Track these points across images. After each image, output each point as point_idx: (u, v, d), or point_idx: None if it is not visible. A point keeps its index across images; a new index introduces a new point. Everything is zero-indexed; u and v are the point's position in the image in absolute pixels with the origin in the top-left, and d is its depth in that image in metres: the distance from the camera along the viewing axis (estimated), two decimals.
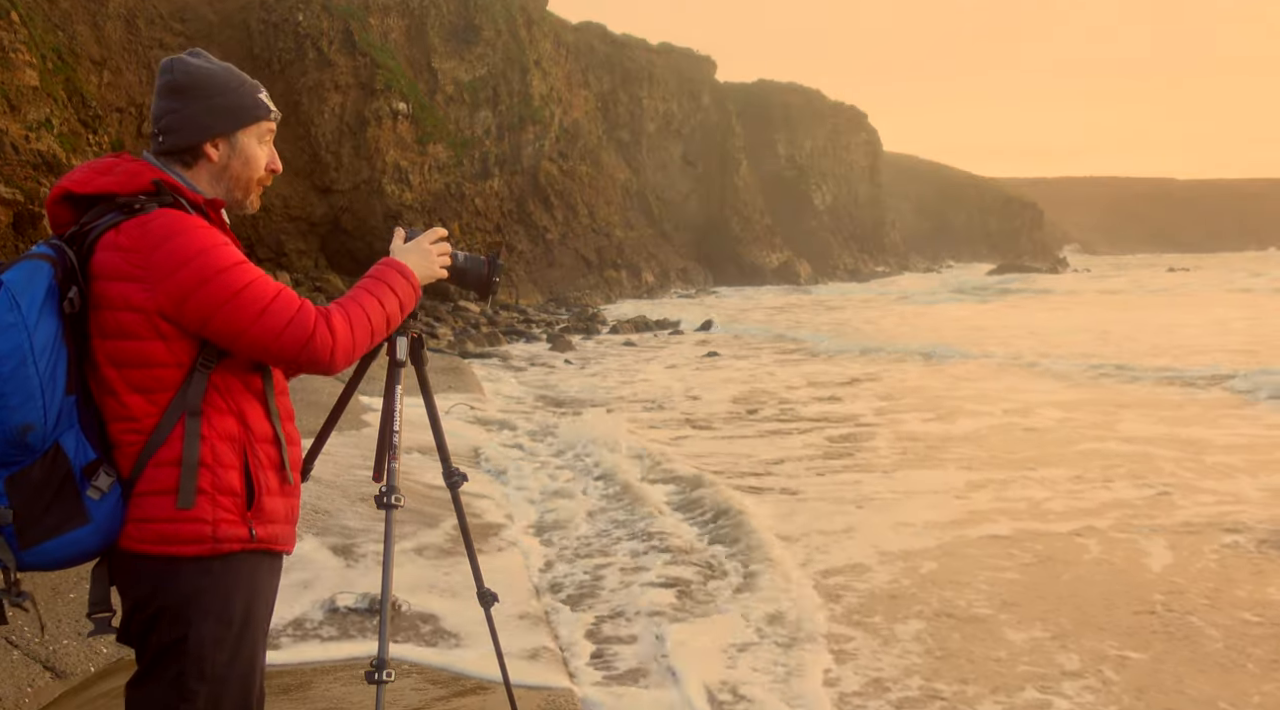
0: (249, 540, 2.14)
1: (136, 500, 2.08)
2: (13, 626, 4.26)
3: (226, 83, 2.24)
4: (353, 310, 2.22)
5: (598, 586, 5.88)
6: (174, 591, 2.09)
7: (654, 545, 6.55)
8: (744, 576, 5.99)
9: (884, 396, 13.90)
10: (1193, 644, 4.95)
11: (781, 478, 8.85)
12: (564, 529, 7.12)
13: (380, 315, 2.28)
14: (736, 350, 22.07)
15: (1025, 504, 7.67)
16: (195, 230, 2.08)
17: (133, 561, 2.11)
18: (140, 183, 2.12)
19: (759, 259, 54.81)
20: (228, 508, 2.12)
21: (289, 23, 30.63)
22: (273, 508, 2.21)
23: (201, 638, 2.09)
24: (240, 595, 2.14)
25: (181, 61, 2.23)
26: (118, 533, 2.09)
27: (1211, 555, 6.33)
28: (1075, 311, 32.74)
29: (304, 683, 4.17)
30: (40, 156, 16.47)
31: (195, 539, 2.09)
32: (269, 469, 2.20)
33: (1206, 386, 13.60)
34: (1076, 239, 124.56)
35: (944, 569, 6.16)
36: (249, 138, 2.26)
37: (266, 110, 2.29)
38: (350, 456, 8.32)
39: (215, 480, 2.10)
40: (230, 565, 2.13)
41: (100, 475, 2.04)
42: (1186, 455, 9.28)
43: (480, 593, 3.40)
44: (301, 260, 29.63)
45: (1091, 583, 5.89)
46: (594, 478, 8.62)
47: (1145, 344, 20.16)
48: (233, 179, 2.26)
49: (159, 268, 2.04)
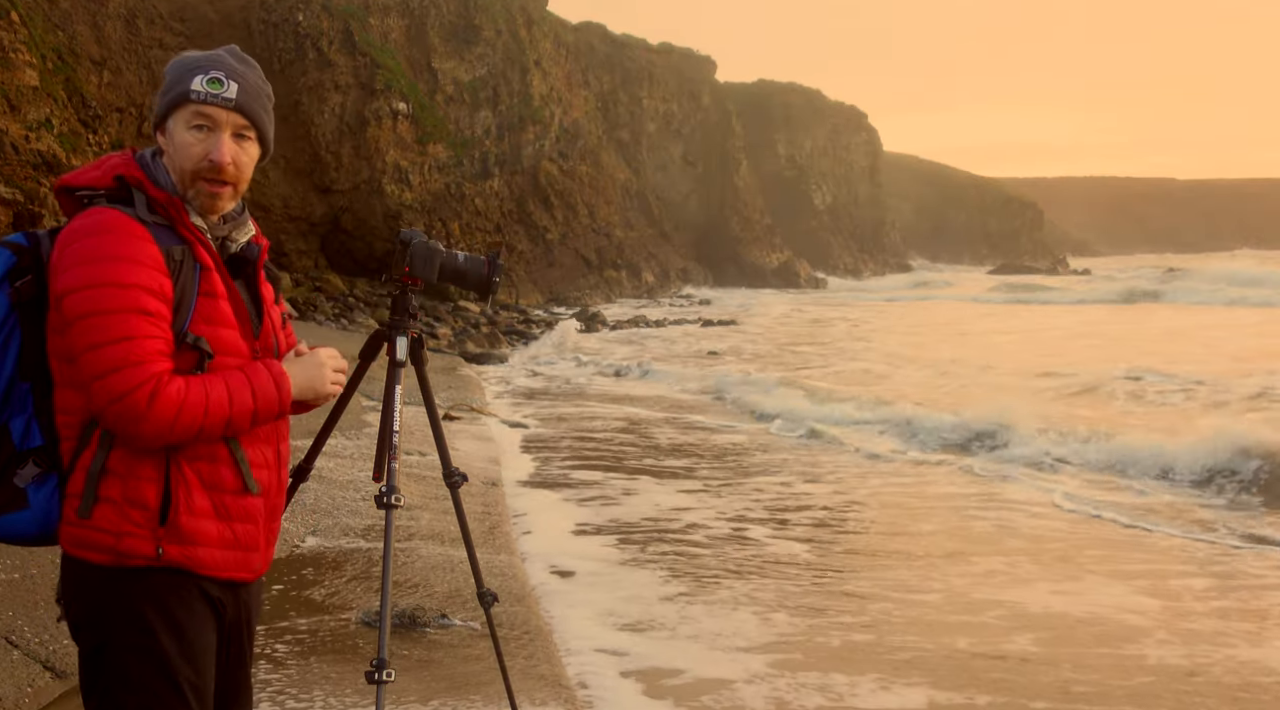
0: (154, 558, 2.02)
1: (66, 499, 2.06)
2: (12, 626, 4.26)
3: (175, 66, 2.16)
4: (193, 395, 1.99)
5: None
6: (88, 595, 2.05)
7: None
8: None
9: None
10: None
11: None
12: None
13: (222, 414, 2.02)
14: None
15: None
16: (106, 235, 2.00)
17: (63, 559, 2.10)
18: (108, 178, 2.10)
19: (759, 259, 54.76)
20: (136, 521, 2.02)
21: (289, 23, 30.60)
22: (196, 529, 2.06)
23: (119, 645, 2.02)
24: (153, 606, 2.04)
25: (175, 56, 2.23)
26: (57, 524, 2.07)
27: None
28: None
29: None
30: (40, 156, 16.46)
31: (99, 548, 2.02)
32: (197, 488, 2.06)
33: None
34: (1076, 239, 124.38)
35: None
36: (177, 123, 2.12)
37: (189, 92, 2.09)
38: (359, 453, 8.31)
39: (126, 491, 2.02)
40: (139, 579, 2.03)
41: (28, 464, 2.05)
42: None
43: (480, 593, 3.40)
44: (301, 260, 29.60)
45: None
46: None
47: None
48: (175, 170, 2.13)
49: (55, 266, 2.02)
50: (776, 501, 8.23)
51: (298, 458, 3.15)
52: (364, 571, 5.67)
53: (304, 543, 6.17)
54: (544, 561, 6.43)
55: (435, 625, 4.88)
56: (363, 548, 6.13)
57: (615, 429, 11.72)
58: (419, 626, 4.84)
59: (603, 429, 11.71)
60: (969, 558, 6.68)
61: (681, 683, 4.65)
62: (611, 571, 6.28)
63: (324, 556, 5.93)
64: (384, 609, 2.84)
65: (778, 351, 21.98)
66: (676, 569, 6.35)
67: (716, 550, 6.81)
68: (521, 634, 4.90)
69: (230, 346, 2.12)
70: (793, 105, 66.49)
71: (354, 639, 4.68)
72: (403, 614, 4.87)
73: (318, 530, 6.42)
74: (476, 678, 4.31)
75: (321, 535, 6.34)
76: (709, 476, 9.14)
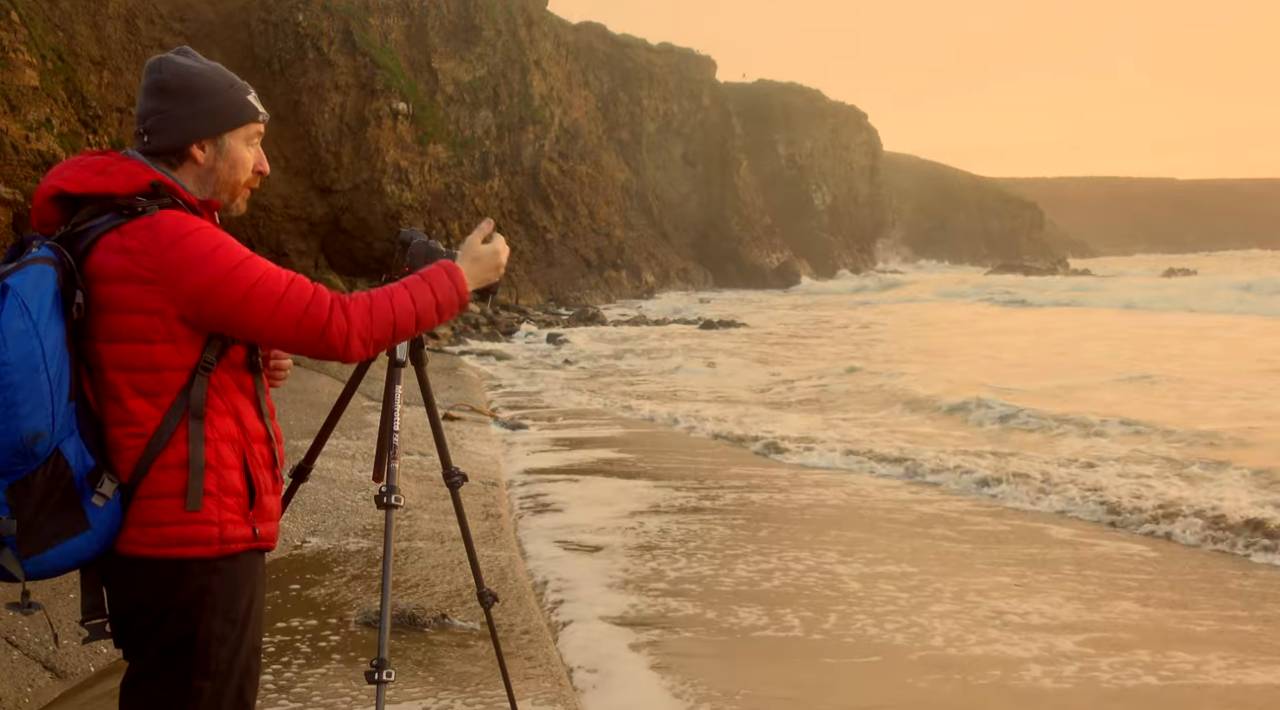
0: (253, 539, 2.17)
1: (139, 504, 2.06)
2: (13, 626, 4.26)
3: (214, 84, 2.20)
4: (379, 301, 2.19)
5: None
6: (183, 591, 2.08)
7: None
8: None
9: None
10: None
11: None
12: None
13: (408, 310, 2.22)
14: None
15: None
16: (203, 230, 2.07)
17: (134, 565, 2.09)
18: (138, 183, 2.09)
19: (759, 259, 54.80)
20: (232, 508, 2.13)
21: (289, 23, 30.60)
22: (270, 506, 2.23)
23: (209, 635, 2.09)
24: (245, 592, 2.16)
25: (169, 61, 2.19)
26: (115, 537, 2.07)
27: None
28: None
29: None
30: (40, 156, 16.46)
31: (203, 541, 2.09)
32: (264, 468, 2.21)
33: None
34: (1076, 239, 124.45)
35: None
36: (236, 140, 2.22)
37: (255, 113, 2.25)
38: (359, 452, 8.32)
39: (220, 482, 2.11)
40: (235, 564, 2.14)
41: (104, 482, 2.02)
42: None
43: (480, 593, 3.40)
44: (301, 260, 29.61)
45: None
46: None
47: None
48: (219, 181, 2.22)
49: (172, 269, 2.02)
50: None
51: (298, 458, 3.16)
52: (364, 571, 5.67)
53: (304, 543, 6.17)
54: (545, 561, 6.43)
55: (435, 625, 4.88)
56: (363, 548, 6.13)
57: (616, 430, 11.73)
58: (419, 626, 4.84)
59: (603, 430, 11.71)
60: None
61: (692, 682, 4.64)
62: (613, 571, 6.28)
63: (324, 556, 5.94)
64: (384, 609, 2.85)
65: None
66: (677, 568, 6.35)
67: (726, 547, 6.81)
68: (521, 634, 4.90)
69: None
70: (792, 105, 66.57)
71: (354, 639, 4.68)
72: (403, 614, 4.87)
73: (318, 530, 6.43)
74: (476, 678, 4.31)
75: (322, 535, 6.34)
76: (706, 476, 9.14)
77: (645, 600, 5.64)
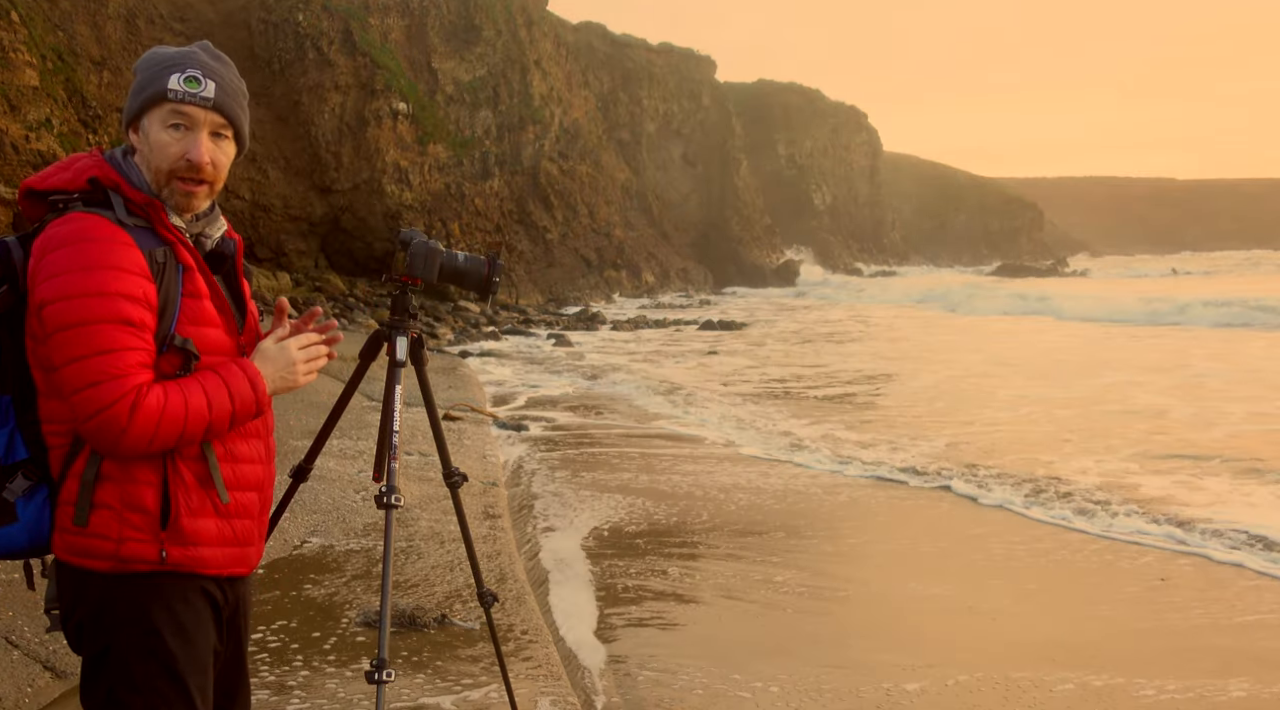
0: (158, 562, 2.02)
1: (59, 507, 2.04)
2: (12, 626, 4.26)
3: (148, 62, 2.11)
4: (171, 410, 1.97)
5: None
6: (89, 602, 2.04)
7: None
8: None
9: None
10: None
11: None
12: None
13: (201, 418, 2.02)
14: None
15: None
16: (88, 243, 1.96)
17: (59, 567, 2.08)
18: (80, 181, 2.05)
19: (759, 259, 54.81)
20: (137, 526, 2.01)
21: (289, 23, 30.60)
22: (197, 529, 2.07)
23: (124, 647, 2.01)
24: (158, 607, 2.04)
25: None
26: (48, 534, 2.06)
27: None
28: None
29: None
30: (40, 156, 16.47)
31: (100, 555, 2.01)
32: (195, 487, 2.06)
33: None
34: (1076, 239, 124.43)
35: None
36: (153, 123, 2.08)
37: (165, 91, 2.05)
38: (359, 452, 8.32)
39: (124, 495, 2.01)
40: (142, 583, 2.03)
41: (18, 478, 2.02)
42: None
43: (480, 593, 3.40)
44: (301, 260, 29.62)
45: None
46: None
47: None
48: (150, 170, 2.10)
49: (35, 276, 1.98)
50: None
51: (298, 458, 3.16)
52: (364, 571, 5.67)
53: (304, 543, 6.17)
54: (546, 560, 6.42)
55: (435, 625, 4.88)
56: (363, 548, 6.13)
57: (616, 431, 11.73)
58: (419, 626, 4.84)
59: (604, 431, 11.71)
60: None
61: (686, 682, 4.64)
62: (613, 571, 6.28)
63: (324, 556, 5.93)
64: (384, 609, 2.84)
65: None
66: (678, 567, 6.35)
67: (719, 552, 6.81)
68: (521, 634, 4.90)
69: (216, 345, 2.11)
70: (792, 105, 66.60)
71: (354, 639, 4.68)
72: (403, 614, 4.87)
73: (318, 530, 6.43)
74: (476, 678, 4.31)
75: (321, 535, 6.34)
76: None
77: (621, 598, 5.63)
